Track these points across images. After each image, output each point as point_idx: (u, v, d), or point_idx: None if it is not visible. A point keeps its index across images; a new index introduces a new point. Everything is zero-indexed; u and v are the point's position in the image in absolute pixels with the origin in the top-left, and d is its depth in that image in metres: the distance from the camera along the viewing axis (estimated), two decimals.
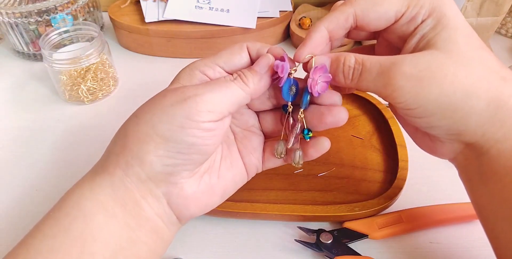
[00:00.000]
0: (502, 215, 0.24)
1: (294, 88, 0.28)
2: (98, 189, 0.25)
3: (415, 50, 0.25)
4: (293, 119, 0.30)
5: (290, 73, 0.28)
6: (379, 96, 0.26)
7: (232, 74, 0.27)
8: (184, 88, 0.26)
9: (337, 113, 0.28)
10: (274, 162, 0.32)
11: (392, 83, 0.24)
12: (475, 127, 0.24)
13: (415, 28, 0.25)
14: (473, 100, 0.23)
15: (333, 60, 0.27)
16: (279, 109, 0.32)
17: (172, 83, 0.28)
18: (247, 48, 0.29)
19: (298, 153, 0.30)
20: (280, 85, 0.27)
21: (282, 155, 0.30)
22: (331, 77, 0.27)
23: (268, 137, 0.33)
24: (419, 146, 0.30)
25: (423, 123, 0.25)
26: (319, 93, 0.27)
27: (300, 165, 0.30)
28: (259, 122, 0.32)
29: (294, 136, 0.29)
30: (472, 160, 0.26)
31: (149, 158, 0.25)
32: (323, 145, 0.30)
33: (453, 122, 0.24)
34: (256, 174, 0.39)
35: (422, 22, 0.25)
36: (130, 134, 0.25)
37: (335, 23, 0.27)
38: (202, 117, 0.24)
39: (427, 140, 0.28)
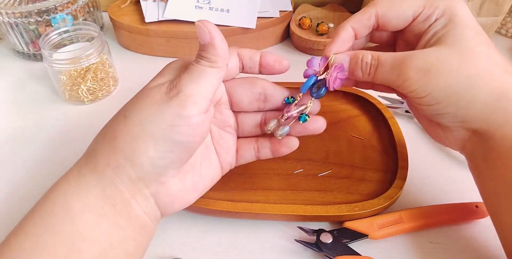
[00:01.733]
0: (506, 196, 0.27)
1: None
2: (87, 188, 0.25)
3: (427, 45, 0.28)
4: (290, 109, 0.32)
5: (318, 72, 0.31)
6: (392, 86, 0.29)
7: (197, 60, 0.27)
8: (165, 84, 0.27)
9: (320, 120, 0.32)
10: (246, 159, 0.34)
11: (404, 74, 0.27)
12: (478, 114, 0.26)
13: (429, 26, 0.28)
14: (476, 90, 0.26)
15: (352, 57, 0.30)
16: (260, 113, 0.34)
17: (155, 78, 0.28)
18: (238, 54, 0.31)
19: (287, 129, 0.31)
20: (313, 88, 0.31)
21: (270, 131, 0.32)
22: (346, 75, 0.30)
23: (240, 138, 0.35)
24: (433, 138, 0.32)
25: (431, 110, 0.28)
26: (334, 88, 0.30)
27: (280, 138, 0.32)
28: (237, 122, 0.34)
29: (296, 110, 0.31)
30: (479, 147, 0.28)
31: (140, 160, 0.25)
32: (293, 144, 0.33)
33: (458, 109, 0.27)
34: (256, 174, 0.39)
35: (436, 20, 0.28)
36: (120, 134, 0.26)
37: (359, 22, 0.30)
38: (190, 111, 0.25)
39: (439, 131, 0.30)
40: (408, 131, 0.45)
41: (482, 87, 0.26)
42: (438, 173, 0.41)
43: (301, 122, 0.31)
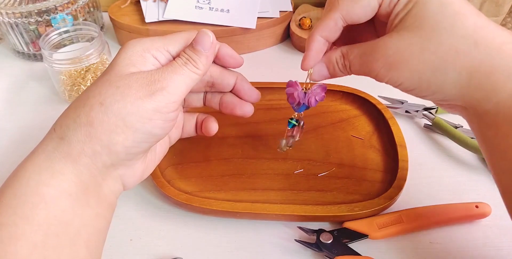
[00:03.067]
0: (499, 168, 0.26)
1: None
2: (60, 175, 0.26)
3: (391, 28, 0.27)
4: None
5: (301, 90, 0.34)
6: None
7: (179, 56, 0.29)
8: (141, 75, 0.27)
9: (246, 107, 0.35)
10: (188, 134, 0.37)
11: (373, 70, 0.27)
12: (454, 94, 0.26)
13: (394, 7, 0.27)
14: (443, 74, 0.25)
15: (327, 64, 0.31)
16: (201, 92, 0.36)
17: (121, 61, 0.28)
18: None
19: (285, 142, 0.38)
20: (294, 105, 0.35)
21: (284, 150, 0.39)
22: (324, 96, 0.34)
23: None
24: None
25: (413, 94, 0.28)
26: (313, 105, 0.34)
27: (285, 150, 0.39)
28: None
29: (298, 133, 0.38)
30: (473, 119, 0.27)
31: (117, 148, 0.27)
32: (213, 127, 0.36)
33: (432, 93, 0.27)
34: (256, 174, 0.40)
35: (398, 0, 0.26)
36: (98, 123, 0.26)
37: (327, 30, 0.29)
38: (170, 108, 0.28)
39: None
40: (408, 131, 0.45)
41: (449, 68, 0.25)
42: (438, 173, 0.41)
43: (289, 128, 0.37)
